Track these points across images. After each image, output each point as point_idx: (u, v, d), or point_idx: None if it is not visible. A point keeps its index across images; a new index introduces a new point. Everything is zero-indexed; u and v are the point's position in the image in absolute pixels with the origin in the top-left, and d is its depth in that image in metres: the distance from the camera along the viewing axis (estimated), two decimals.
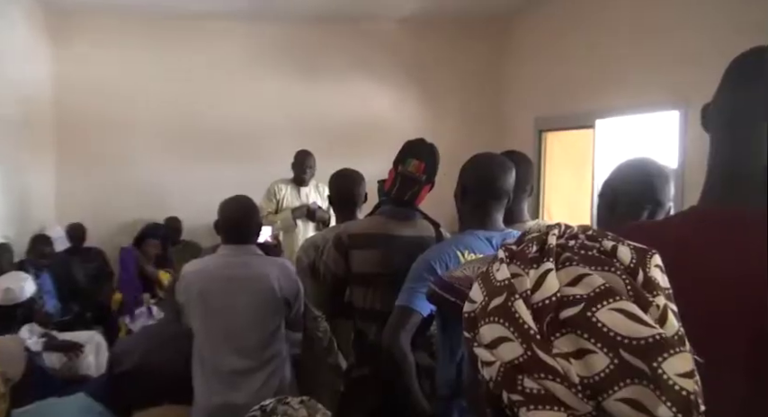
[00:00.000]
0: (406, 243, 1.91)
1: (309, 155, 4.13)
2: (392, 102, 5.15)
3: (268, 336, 2.08)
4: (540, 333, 0.51)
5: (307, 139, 4.44)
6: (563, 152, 4.33)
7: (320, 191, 4.17)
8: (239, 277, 2.05)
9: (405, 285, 1.69)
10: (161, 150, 4.92)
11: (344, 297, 2.07)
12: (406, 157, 1.94)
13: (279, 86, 5.02)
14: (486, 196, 1.72)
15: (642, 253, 0.56)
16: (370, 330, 1.94)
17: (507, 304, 0.53)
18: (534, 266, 0.54)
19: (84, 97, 4.81)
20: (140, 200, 4.90)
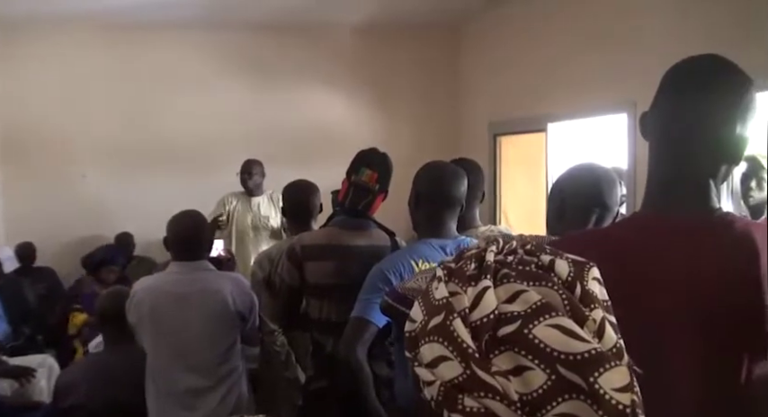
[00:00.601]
0: (361, 253, 1.89)
1: (254, 162, 4.07)
2: (346, 110, 5.13)
3: (223, 352, 2.02)
4: (478, 352, 0.50)
5: (260, 149, 4.36)
6: (517, 155, 4.38)
7: (274, 201, 4.11)
8: (191, 293, 1.99)
9: (360, 296, 1.67)
10: (111, 164, 4.76)
11: (300, 309, 2.03)
12: (359, 167, 1.93)
13: (231, 96, 4.93)
14: (439, 204, 1.72)
15: (580, 267, 0.55)
16: (327, 342, 1.91)
17: (446, 323, 0.52)
18: (472, 284, 0.53)
19: (29, 112, 4.63)
20: (91, 216, 4.72)
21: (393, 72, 5.12)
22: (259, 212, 4.07)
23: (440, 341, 0.52)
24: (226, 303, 2.01)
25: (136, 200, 4.71)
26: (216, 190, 4.17)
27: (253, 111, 4.94)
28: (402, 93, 5.14)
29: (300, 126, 4.98)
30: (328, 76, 5.04)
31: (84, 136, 4.71)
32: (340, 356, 1.65)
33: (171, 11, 4.37)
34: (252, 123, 4.91)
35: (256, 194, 4.11)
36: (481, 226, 2.06)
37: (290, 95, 4.98)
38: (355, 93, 5.11)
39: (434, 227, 1.72)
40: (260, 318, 2.19)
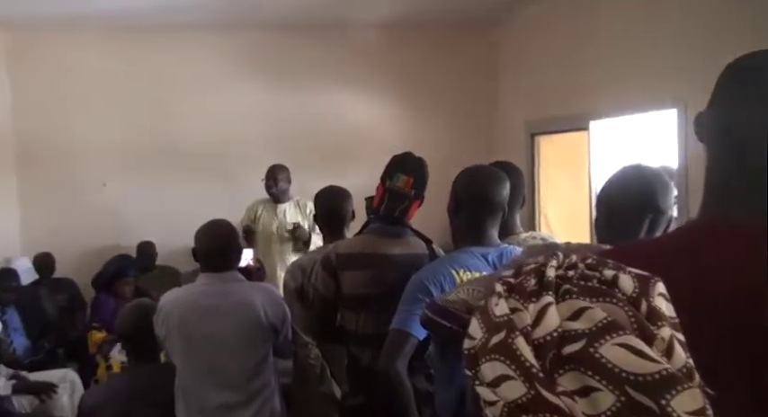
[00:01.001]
0: (397, 261, 1.92)
1: (279, 168, 4.14)
2: (376, 112, 5.20)
3: (255, 366, 2.08)
4: (542, 371, 0.51)
5: (286, 154, 4.45)
6: (557, 156, 4.38)
7: (301, 208, 4.18)
8: (221, 305, 2.05)
9: (399, 307, 1.70)
10: (131, 171, 4.91)
11: (335, 320, 2.07)
12: (394, 172, 1.97)
13: (254, 99, 5.04)
14: (481, 210, 1.74)
15: (645, 282, 0.56)
16: (363, 355, 1.95)
17: (508, 340, 0.54)
18: (533, 300, 0.55)
19: (44, 119, 4.79)
20: (111, 225, 4.88)
21: (425, 71, 5.17)
22: (285, 219, 4.14)
23: (502, 360, 0.53)
24: (257, 315, 2.06)
25: (157, 208, 4.85)
26: (240, 195, 4.28)
27: (278, 115, 5.04)
28: (434, 93, 5.19)
29: (329, 129, 5.07)
30: (358, 77, 5.12)
31: (102, 143, 4.86)
32: (379, 370, 1.68)
33: (188, 12, 4.48)
34: (277, 127, 5.02)
35: (282, 201, 4.18)
36: (522, 232, 2.07)
37: (317, 98, 5.07)
38: (386, 94, 5.18)
39: (476, 235, 1.74)
40: (293, 330, 2.25)
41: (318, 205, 2.50)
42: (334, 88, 5.10)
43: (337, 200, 2.45)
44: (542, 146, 4.44)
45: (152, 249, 4.80)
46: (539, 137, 4.44)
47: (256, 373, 2.08)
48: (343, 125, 5.10)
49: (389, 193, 1.97)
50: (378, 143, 4.82)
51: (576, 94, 3.89)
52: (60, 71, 4.83)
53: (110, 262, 4.47)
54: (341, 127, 5.09)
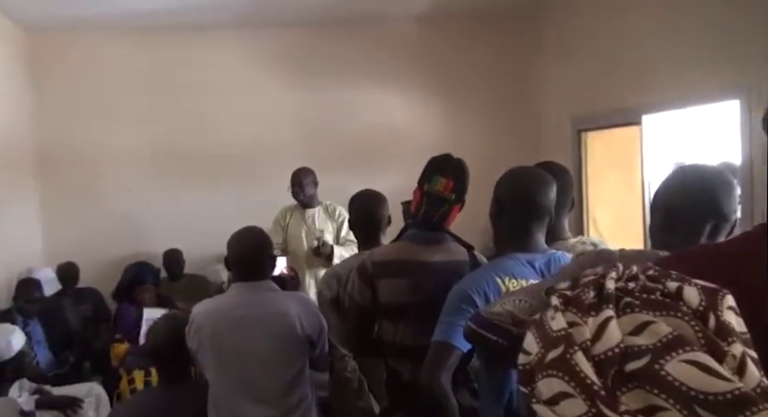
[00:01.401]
0: (437, 269, 1.95)
1: (304, 172, 4.18)
2: (410, 111, 5.23)
3: (291, 380, 2.12)
4: (604, 388, 0.52)
5: (316, 156, 4.51)
6: (606, 153, 4.33)
7: (330, 213, 4.22)
8: (255, 316, 2.10)
9: (441, 318, 1.72)
10: (155, 176, 5.04)
11: (373, 331, 2.11)
12: (432, 175, 1.99)
13: (282, 99, 5.13)
14: (526, 214, 1.75)
15: (712, 294, 0.56)
16: (403, 368, 1.98)
17: (566, 356, 0.54)
18: (593, 313, 0.55)
19: (64, 125, 4.94)
20: (136, 233, 5.02)
21: (460, 66, 5.19)
22: (313, 225, 4.19)
23: (560, 376, 0.54)
24: (293, 326, 2.11)
25: (184, 214, 4.99)
26: (269, 200, 4.34)
27: (307, 115, 5.12)
28: (472, 89, 5.20)
29: (361, 130, 5.13)
30: (389, 74, 5.17)
31: (125, 147, 5.01)
32: (422, 384, 1.69)
33: (213, 11, 4.58)
34: (307, 127, 5.11)
35: (311, 206, 4.23)
36: (571, 237, 2.08)
37: (347, 96, 5.14)
38: (420, 92, 5.21)
39: (521, 241, 1.75)
40: (329, 342, 2.29)
41: (353, 210, 2.55)
42: (364, 86, 5.16)
43: (373, 205, 2.49)
44: (590, 143, 4.40)
45: (179, 257, 4.91)
46: (586, 134, 4.40)
47: (293, 387, 2.12)
48: (376, 125, 5.15)
49: (428, 197, 1.99)
50: (413, 144, 4.87)
51: (627, 86, 3.84)
52: (82, 74, 4.98)
53: (127, 270, 4.59)
54: (373, 127, 5.14)
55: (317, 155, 4.59)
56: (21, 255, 4.56)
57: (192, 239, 4.90)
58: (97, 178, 5.00)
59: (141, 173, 5.05)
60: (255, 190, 4.90)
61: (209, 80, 5.07)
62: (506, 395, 1.67)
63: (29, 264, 4.59)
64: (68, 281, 4.59)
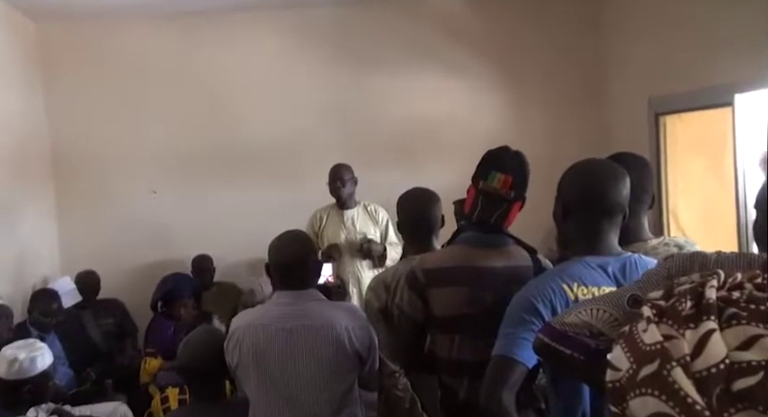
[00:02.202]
0: (497, 276, 1.99)
1: (344, 168, 4.28)
2: (462, 97, 5.26)
3: (340, 399, 2.19)
4: (708, 409, 0.53)
5: (357, 150, 4.59)
6: (690, 140, 4.28)
7: (370, 214, 4.31)
8: (300, 329, 2.18)
9: (502, 330, 1.75)
10: (181, 176, 5.19)
11: (425, 346, 2.16)
12: (489, 171, 2.03)
13: (317, 88, 5.21)
14: (595, 213, 1.77)
15: None
16: (459, 386, 2.02)
17: (662, 372, 0.56)
18: (691, 326, 0.57)
19: (81, 123, 5.11)
20: (161, 238, 5.17)
21: (517, 46, 5.19)
22: (354, 228, 4.28)
23: (656, 395, 0.56)
24: (341, 340, 2.18)
25: (212, 217, 5.14)
26: (305, 200, 4.48)
27: (344, 105, 5.21)
28: (533, 71, 5.21)
29: (405, 120, 5.17)
30: (436, 56, 5.19)
31: (147, 146, 5.17)
32: (482, 404, 1.73)
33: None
34: (347, 118, 5.19)
35: (349, 206, 4.33)
36: (652, 238, 2.07)
37: (391, 83, 5.20)
38: (473, 76, 5.24)
39: (590, 242, 1.77)
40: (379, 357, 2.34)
41: (402, 211, 2.59)
42: (409, 72, 5.20)
43: (424, 205, 2.53)
44: (671, 128, 4.36)
45: (209, 263, 5.05)
46: (666, 118, 4.36)
47: (341, 406, 2.19)
48: (422, 115, 5.19)
49: (484, 195, 2.04)
50: (465, 136, 4.92)
51: (716, 61, 3.79)
52: (97, 67, 5.14)
53: (162, 283, 4.69)
54: (419, 118, 5.18)
55: (355, 150, 4.69)
56: (36, 264, 4.72)
57: (222, 244, 5.06)
58: (118, 179, 5.15)
59: (166, 173, 5.19)
60: (290, 188, 5.04)
61: (235, 70, 5.18)
62: (579, 415, 1.70)
63: (45, 274, 4.77)
64: (89, 292, 4.71)
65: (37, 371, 2.97)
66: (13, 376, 2.92)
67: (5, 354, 2.96)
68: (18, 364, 2.92)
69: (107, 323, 4.73)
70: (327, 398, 2.18)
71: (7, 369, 2.92)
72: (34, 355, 2.98)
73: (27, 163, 4.75)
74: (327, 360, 2.17)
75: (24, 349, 3.00)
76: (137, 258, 5.15)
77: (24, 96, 4.85)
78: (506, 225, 2.07)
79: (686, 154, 4.30)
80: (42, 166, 5.07)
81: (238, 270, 5.10)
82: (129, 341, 4.85)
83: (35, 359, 2.97)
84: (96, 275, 4.83)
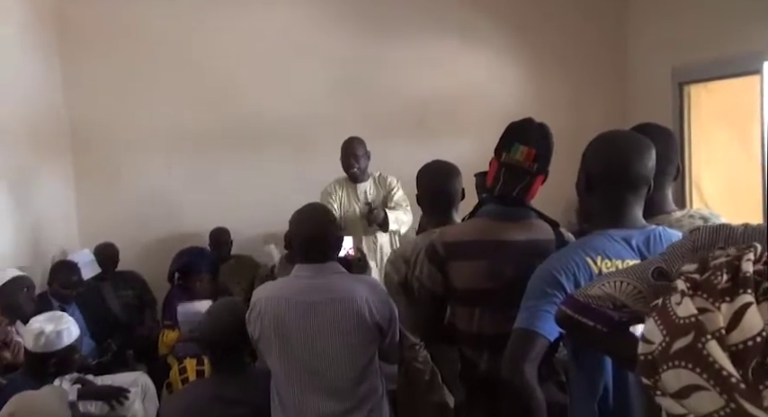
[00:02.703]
0: (519, 249, 2.00)
1: (357, 142, 4.28)
2: (483, 68, 5.23)
3: (361, 370, 2.23)
4: (744, 382, 0.54)
5: (372, 122, 4.58)
6: (716, 109, 4.25)
7: (382, 185, 4.33)
8: (321, 302, 2.21)
9: (524, 303, 1.77)
10: (197, 150, 5.20)
11: (444, 319, 2.18)
12: (512, 143, 2.02)
13: (334, 58, 5.19)
14: (619, 187, 1.77)
15: None
16: (480, 358, 2.04)
17: (697, 345, 0.57)
18: (727, 299, 0.57)
19: (100, 97, 5.11)
20: (178, 212, 5.21)
21: (541, 15, 5.16)
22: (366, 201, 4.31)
23: (690, 368, 0.56)
24: (362, 313, 2.21)
25: (229, 190, 5.17)
26: (321, 172, 4.48)
27: (366, 76, 5.18)
28: (553, 41, 5.18)
29: (423, 93, 5.15)
30: (454, 26, 5.16)
31: (163, 120, 5.18)
32: (503, 376, 1.75)
33: None
34: (365, 90, 5.17)
35: (362, 180, 4.36)
36: (676, 210, 2.06)
37: (406, 53, 5.17)
38: (492, 46, 5.21)
39: (614, 215, 1.77)
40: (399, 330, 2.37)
41: (422, 184, 2.60)
42: (426, 42, 5.17)
43: (444, 178, 2.54)
44: (695, 98, 4.32)
45: (226, 236, 5.09)
46: (690, 87, 4.32)
47: (363, 378, 2.23)
48: (440, 87, 5.17)
49: (506, 168, 2.03)
50: (487, 108, 4.90)
51: (743, 27, 3.74)
52: (115, 39, 5.12)
53: (177, 257, 4.75)
54: (437, 89, 5.16)
55: (370, 123, 4.68)
56: (54, 236, 4.76)
57: (239, 217, 5.09)
58: (134, 153, 5.17)
59: (182, 148, 5.20)
60: (305, 161, 5.06)
61: (248, 43, 5.17)
62: (600, 389, 1.72)
63: (63, 246, 4.82)
64: (108, 264, 4.77)
65: (63, 345, 3.01)
66: (40, 348, 2.97)
67: (32, 327, 3.01)
68: (45, 337, 2.96)
69: (126, 295, 4.80)
70: (348, 370, 2.22)
71: (34, 342, 2.97)
72: (61, 329, 3.02)
73: (44, 135, 4.77)
74: (348, 333, 2.21)
75: (51, 322, 3.04)
76: (154, 231, 5.20)
77: (41, 68, 4.86)
78: (529, 198, 2.07)
79: (711, 124, 4.27)
80: (60, 139, 5.09)
81: (256, 244, 5.13)
82: (149, 313, 4.92)
83: (62, 332, 3.02)
84: (115, 247, 4.88)
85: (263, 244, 4.98)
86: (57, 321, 3.07)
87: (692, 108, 4.33)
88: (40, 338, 2.96)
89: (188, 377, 4.00)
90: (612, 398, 1.73)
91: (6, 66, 4.17)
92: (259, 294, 2.31)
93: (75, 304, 4.23)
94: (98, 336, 4.33)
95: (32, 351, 2.99)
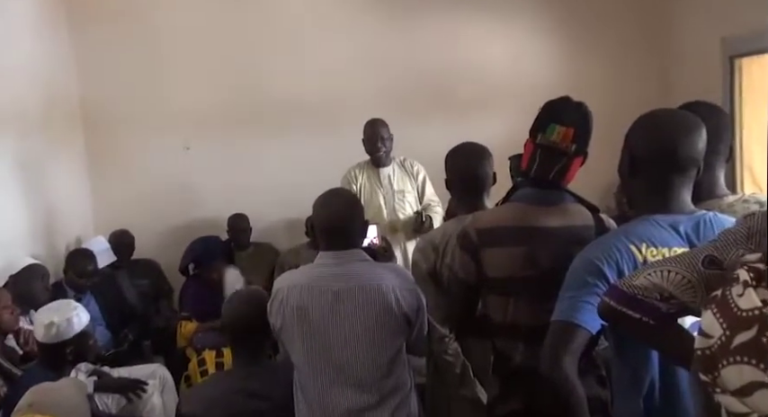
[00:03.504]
0: (556, 236, 1.98)
1: (381, 124, 4.26)
2: (514, 43, 5.18)
3: (388, 362, 2.23)
4: None
5: (398, 101, 4.58)
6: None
7: (408, 171, 4.32)
8: (346, 290, 2.21)
9: (563, 293, 1.76)
10: (216, 132, 5.22)
11: (476, 309, 2.18)
12: (548, 123, 2.00)
13: (358, 33, 5.18)
14: (666, 169, 1.75)
15: None
16: (514, 351, 2.04)
17: (761, 339, 0.56)
18: None
19: (114, 76, 5.15)
20: (195, 197, 5.26)
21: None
22: (391, 186, 4.32)
23: (753, 363, 0.56)
24: (389, 302, 2.21)
25: (248, 175, 5.19)
26: (345, 154, 4.49)
27: (392, 53, 5.16)
28: (589, 12, 5.11)
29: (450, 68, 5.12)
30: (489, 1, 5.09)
31: (179, 101, 5.20)
32: (542, 371, 1.74)
33: None
34: (384, 68, 5.16)
35: (385, 164, 4.34)
36: (728, 194, 2.03)
37: (434, 27, 5.15)
38: (526, 19, 5.16)
39: (660, 200, 1.75)
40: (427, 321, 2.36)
41: (451, 167, 2.60)
42: (455, 15, 5.13)
43: (475, 161, 2.54)
44: (747, 72, 4.23)
45: (245, 223, 5.11)
46: (741, 61, 4.23)
47: (390, 371, 2.23)
48: (470, 63, 5.13)
49: (542, 150, 2.02)
50: (516, 86, 4.88)
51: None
52: (128, 17, 5.14)
53: (191, 248, 4.80)
54: (466, 66, 5.13)
55: (396, 102, 4.67)
56: (68, 223, 4.83)
57: (259, 203, 5.11)
58: (149, 135, 5.20)
59: (199, 129, 5.22)
60: (328, 142, 5.05)
61: (269, 19, 5.16)
62: (646, 386, 1.71)
63: (78, 233, 4.90)
64: (123, 252, 4.84)
65: (75, 332, 3.06)
66: (53, 339, 3.02)
67: (40, 319, 3.06)
68: (55, 327, 3.01)
69: (142, 284, 4.86)
70: (374, 362, 2.22)
71: (45, 333, 3.02)
72: (69, 316, 3.06)
73: (57, 119, 4.82)
74: (374, 323, 2.21)
75: (58, 311, 3.09)
76: (170, 217, 5.24)
77: (53, 49, 4.90)
78: (566, 181, 2.05)
79: (764, 100, 4.18)
80: (72, 121, 5.14)
81: (276, 230, 5.18)
82: (165, 303, 4.98)
83: (71, 319, 3.06)
84: (130, 235, 4.96)
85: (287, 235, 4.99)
86: (64, 309, 3.11)
87: (743, 83, 4.24)
88: (51, 328, 3.01)
89: (207, 369, 4.06)
90: (659, 395, 1.71)
91: (16, 47, 4.21)
92: (281, 282, 2.32)
93: (90, 293, 4.29)
94: (114, 326, 4.40)
95: (46, 343, 3.04)
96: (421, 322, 2.30)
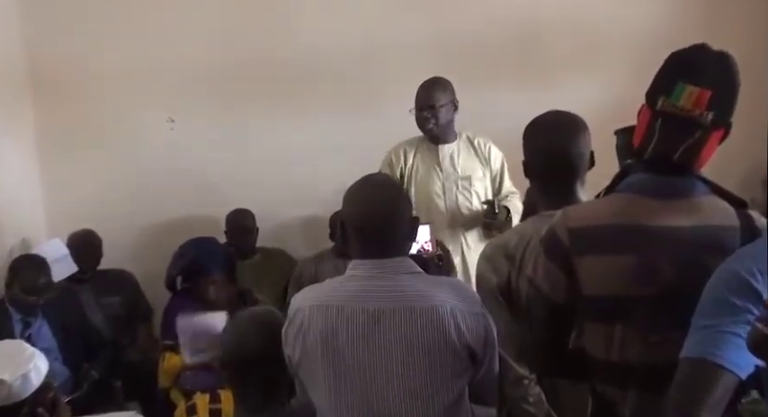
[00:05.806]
0: (682, 240, 1.93)
1: (436, 87, 4.21)
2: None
3: (442, 413, 2.17)
4: None
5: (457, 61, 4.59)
6: None
7: (477, 148, 4.32)
8: (388, 312, 2.16)
9: (696, 320, 1.72)
10: (209, 100, 5.25)
11: (569, 340, 2.13)
12: (674, 83, 1.93)
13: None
14: None
15: None
16: (623, 400, 1.99)
17: None
18: None
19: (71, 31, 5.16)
20: (183, 186, 5.26)
21: None
22: (453, 169, 4.29)
23: None
24: (445, 329, 2.15)
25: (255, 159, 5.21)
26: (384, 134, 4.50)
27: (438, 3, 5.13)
28: None
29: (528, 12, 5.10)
30: None
31: (163, 61, 5.21)
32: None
33: None
34: (437, 16, 5.15)
35: (447, 140, 4.31)
36: None
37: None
38: None
39: None
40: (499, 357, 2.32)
41: (530, 146, 2.54)
42: None
43: (564, 138, 2.46)
44: None
45: (250, 222, 5.11)
46: None
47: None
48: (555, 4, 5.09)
49: (665, 120, 1.96)
50: (631, 35, 4.74)
51: None
52: None
53: (180, 254, 4.77)
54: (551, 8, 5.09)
55: (454, 61, 4.66)
56: (13, 221, 4.86)
57: (268, 196, 5.13)
58: (122, 106, 5.21)
59: (187, 96, 5.25)
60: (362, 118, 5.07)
61: None
62: None
63: (25, 234, 4.95)
64: (87, 260, 4.84)
65: (33, 388, 2.99)
66: (4, 401, 2.95)
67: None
68: (6, 388, 2.92)
69: (112, 303, 4.88)
70: (424, 411, 2.17)
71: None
72: (26, 371, 2.98)
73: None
74: (426, 358, 2.16)
75: (9, 366, 2.99)
76: (150, 214, 5.28)
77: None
78: (699, 164, 1.99)
79: None
80: (16, 88, 5.16)
81: (290, 232, 5.21)
82: (143, 328, 5.02)
83: (27, 375, 2.98)
84: (97, 237, 4.97)
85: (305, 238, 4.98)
86: (17, 361, 3.00)
87: None
88: (2, 390, 2.95)
89: None
90: None
91: None
92: (300, 302, 2.28)
93: (42, 315, 4.31)
94: (73, 361, 4.40)
95: None
96: (490, 357, 2.25)
